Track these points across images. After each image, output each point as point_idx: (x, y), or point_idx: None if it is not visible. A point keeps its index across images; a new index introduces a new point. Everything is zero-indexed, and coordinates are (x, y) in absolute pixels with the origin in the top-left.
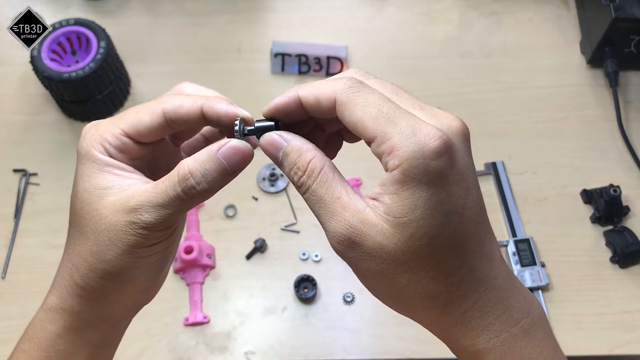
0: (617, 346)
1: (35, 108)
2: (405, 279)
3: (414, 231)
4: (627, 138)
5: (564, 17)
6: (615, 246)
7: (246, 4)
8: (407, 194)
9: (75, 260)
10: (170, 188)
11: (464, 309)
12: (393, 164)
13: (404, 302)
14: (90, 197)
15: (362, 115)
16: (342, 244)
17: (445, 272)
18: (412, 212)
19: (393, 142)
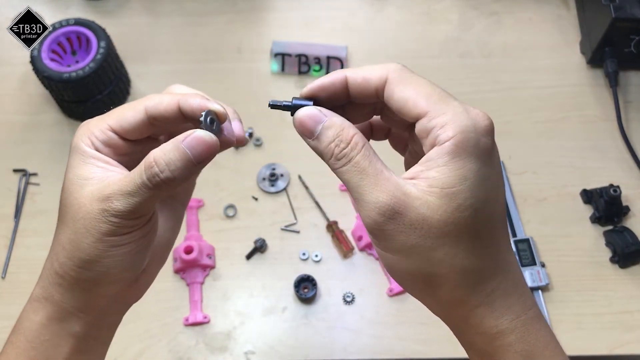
0: (617, 346)
1: (35, 108)
2: (442, 252)
3: (461, 201)
4: (627, 138)
5: (564, 17)
6: (615, 246)
7: (246, 4)
8: (458, 164)
9: (57, 249)
10: (137, 176)
11: (491, 289)
12: (447, 135)
13: (435, 279)
14: (72, 187)
15: (415, 93)
16: (384, 215)
17: (480, 248)
18: (462, 182)
19: (447, 116)
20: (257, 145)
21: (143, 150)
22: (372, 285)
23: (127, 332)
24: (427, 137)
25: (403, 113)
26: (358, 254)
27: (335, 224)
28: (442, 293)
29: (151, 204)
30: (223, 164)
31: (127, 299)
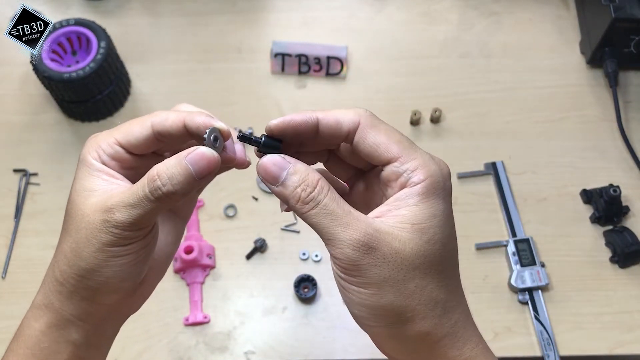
0: (617, 346)
1: (35, 108)
2: (414, 284)
3: (431, 236)
4: (626, 138)
5: (563, 17)
6: (615, 246)
7: (246, 4)
8: (428, 204)
9: (59, 257)
10: (140, 189)
11: (454, 320)
12: (418, 179)
13: (405, 312)
14: (77, 198)
15: (387, 139)
16: (359, 250)
17: (446, 280)
18: (431, 219)
19: (417, 162)
20: None
21: (148, 164)
22: None
23: (127, 332)
24: (396, 180)
25: (374, 157)
26: None
27: None
28: (410, 326)
29: (152, 216)
30: None
31: (125, 309)
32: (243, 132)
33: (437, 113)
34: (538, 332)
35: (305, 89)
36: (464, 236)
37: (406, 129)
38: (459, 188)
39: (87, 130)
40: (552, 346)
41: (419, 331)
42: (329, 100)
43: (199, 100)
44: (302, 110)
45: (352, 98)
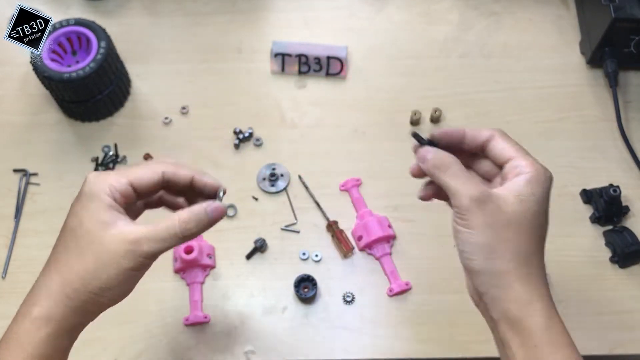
0: (617, 346)
1: (35, 108)
2: (508, 234)
3: (527, 207)
4: (626, 138)
5: (563, 17)
6: (615, 246)
7: (246, 4)
8: (530, 187)
9: (69, 277)
10: (171, 228)
11: (531, 270)
12: (527, 170)
13: (497, 251)
14: (94, 227)
15: (512, 145)
16: (474, 202)
17: (531, 240)
18: (531, 196)
19: (529, 162)
20: (257, 146)
21: (143, 200)
22: (372, 285)
23: (127, 331)
24: (513, 172)
25: (501, 157)
26: (358, 254)
27: (336, 224)
28: (497, 262)
29: (171, 248)
30: (223, 164)
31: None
32: (417, 133)
33: (437, 113)
34: None
35: (305, 89)
36: None
37: (406, 129)
38: None
39: (88, 130)
40: None
41: (502, 269)
42: (329, 100)
43: (199, 100)
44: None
45: (352, 98)
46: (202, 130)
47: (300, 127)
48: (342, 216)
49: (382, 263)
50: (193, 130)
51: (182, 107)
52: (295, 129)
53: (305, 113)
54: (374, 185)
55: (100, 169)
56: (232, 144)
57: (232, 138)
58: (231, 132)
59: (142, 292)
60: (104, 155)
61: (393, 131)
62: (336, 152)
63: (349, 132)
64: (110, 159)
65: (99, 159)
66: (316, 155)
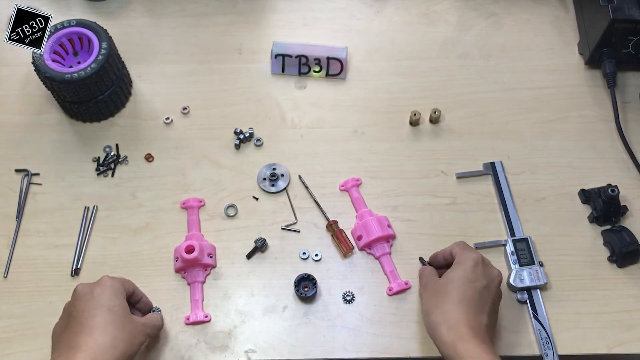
0: (615, 345)
1: (37, 108)
2: (437, 299)
3: (450, 281)
4: (625, 138)
5: (562, 18)
6: (613, 246)
7: (247, 5)
8: (455, 268)
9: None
10: (161, 320)
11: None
12: (455, 258)
13: (432, 312)
14: (121, 311)
15: (461, 247)
16: (423, 285)
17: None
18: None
19: (459, 251)
20: (257, 146)
21: None
22: (372, 285)
23: None
24: None
25: (453, 255)
26: (358, 254)
27: (335, 224)
28: (431, 318)
29: None
30: (224, 164)
31: None
32: (422, 257)
33: (437, 113)
34: (537, 331)
35: (305, 89)
36: (462, 236)
37: (405, 129)
38: (457, 188)
39: (89, 130)
40: (550, 345)
41: (433, 321)
42: (329, 100)
43: (200, 100)
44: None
45: (352, 99)
46: (203, 131)
47: (301, 127)
48: (342, 216)
49: (382, 262)
50: (194, 131)
51: (183, 108)
52: (295, 129)
53: (305, 113)
54: (374, 185)
55: (101, 169)
56: (233, 144)
57: (233, 138)
58: (232, 132)
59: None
60: (105, 155)
61: (393, 131)
62: (336, 152)
63: (348, 132)
64: (111, 159)
65: (100, 159)
66: (316, 155)
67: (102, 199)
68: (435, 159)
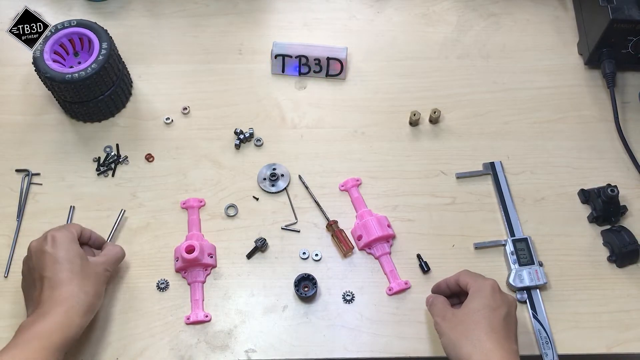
0: (615, 345)
1: (37, 109)
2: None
3: (471, 309)
4: (624, 138)
5: (561, 18)
6: (612, 246)
7: (247, 5)
8: (472, 297)
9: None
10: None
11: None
12: (471, 287)
13: (457, 344)
14: (79, 259)
15: (471, 275)
16: (440, 317)
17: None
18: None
19: (473, 280)
20: (257, 146)
21: None
22: (372, 284)
23: (129, 330)
24: (468, 290)
25: (464, 286)
26: (358, 253)
27: (335, 224)
28: (459, 352)
29: None
30: (224, 165)
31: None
32: None
33: (436, 113)
34: (536, 330)
35: (305, 89)
36: (462, 236)
37: (405, 130)
38: (457, 188)
39: (89, 130)
40: (550, 345)
41: (462, 354)
42: (329, 101)
43: (200, 101)
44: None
45: (352, 99)
46: (203, 131)
47: (301, 127)
48: (342, 216)
49: (382, 262)
50: (194, 131)
51: (183, 108)
52: (295, 129)
53: (305, 113)
54: (374, 185)
55: (102, 169)
56: (233, 144)
57: (233, 138)
58: (232, 132)
59: (144, 291)
60: (105, 155)
61: (393, 131)
62: (336, 152)
63: (348, 133)
64: (111, 159)
65: (101, 159)
66: (316, 156)
67: (102, 199)
68: (435, 159)
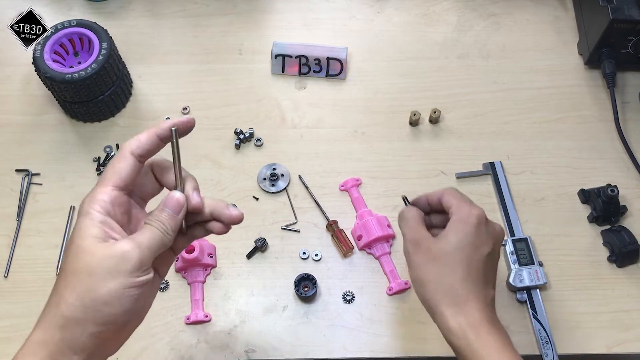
0: (615, 345)
1: (37, 109)
2: (435, 268)
3: (450, 242)
4: (624, 138)
5: (561, 18)
6: (612, 246)
7: (247, 5)
8: (454, 226)
9: (64, 293)
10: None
11: (465, 294)
12: (454, 212)
13: (425, 284)
14: (85, 242)
15: (455, 196)
16: (413, 243)
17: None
18: (453, 234)
19: (458, 204)
20: (257, 146)
21: None
22: (372, 284)
23: None
24: (450, 216)
25: (447, 208)
26: (358, 253)
27: (335, 224)
28: (426, 294)
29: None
30: (224, 164)
31: (109, 347)
32: (405, 197)
33: (436, 113)
34: (536, 330)
35: (305, 89)
36: None
37: (405, 130)
38: (457, 188)
39: (89, 130)
40: (550, 345)
41: (431, 299)
42: (329, 101)
43: (200, 100)
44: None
45: (352, 99)
46: (203, 131)
47: (301, 127)
48: (341, 216)
49: (382, 262)
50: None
51: (183, 108)
52: (295, 129)
53: (305, 113)
54: (374, 185)
55: (102, 169)
56: (233, 144)
57: (233, 138)
58: (232, 132)
59: None
60: (105, 155)
61: (393, 131)
62: (336, 152)
63: (348, 133)
64: (111, 159)
65: (101, 159)
66: (316, 156)
67: None
68: (435, 159)
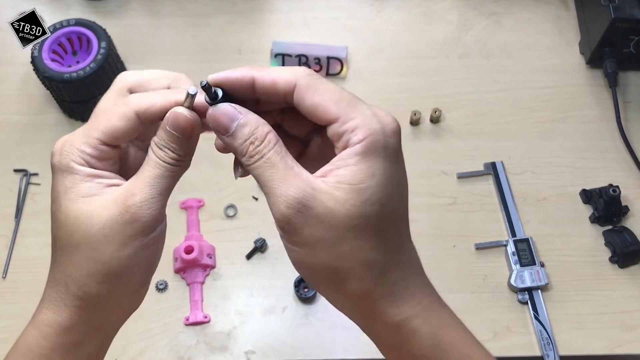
0: (617, 345)
1: (36, 108)
2: (348, 245)
3: (369, 197)
4: (626, 138)
5: (563, 17)
6: (614, 246)
7: (246, 4)
8: (367, 164)
9: (69, 271)
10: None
11: (394, 279)
12: (357, 138)
13: (340, 273)
14: (75, 205)
15: (325, 99)
16: (292, 208)
17: (384, 241)
18: (370, 179)
19: (357, 121)
20: None
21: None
22: None
23: (128, 331)
24: (339, 141)
25: (315, 118)
26: None
27: None
28: (347, 287)
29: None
30: (224, 164)
31: (133, 307)
32: (207, 82)
33: (437, 113)
34: (538, 331)
35: None
36: (463, 236)
37: (406, 129)
38: (458, 188)
39: None
40: (551, 346)
41: (356, 291)
42: None
43: None
44: (242, 67)
45: None
46: None
47: None
48: None
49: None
50: None
51: None
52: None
53: None
54: None
55: None
56: None
57: None
58: None
59: None
60: None
61: None
62: None
63: None
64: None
65: None
66: None
67: None
68: (435, 158)
